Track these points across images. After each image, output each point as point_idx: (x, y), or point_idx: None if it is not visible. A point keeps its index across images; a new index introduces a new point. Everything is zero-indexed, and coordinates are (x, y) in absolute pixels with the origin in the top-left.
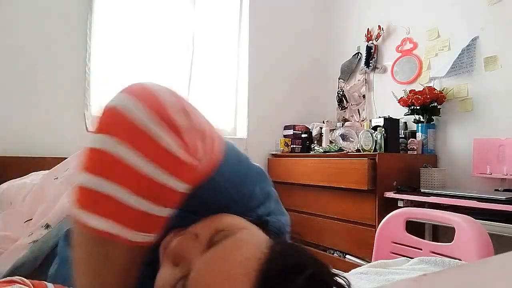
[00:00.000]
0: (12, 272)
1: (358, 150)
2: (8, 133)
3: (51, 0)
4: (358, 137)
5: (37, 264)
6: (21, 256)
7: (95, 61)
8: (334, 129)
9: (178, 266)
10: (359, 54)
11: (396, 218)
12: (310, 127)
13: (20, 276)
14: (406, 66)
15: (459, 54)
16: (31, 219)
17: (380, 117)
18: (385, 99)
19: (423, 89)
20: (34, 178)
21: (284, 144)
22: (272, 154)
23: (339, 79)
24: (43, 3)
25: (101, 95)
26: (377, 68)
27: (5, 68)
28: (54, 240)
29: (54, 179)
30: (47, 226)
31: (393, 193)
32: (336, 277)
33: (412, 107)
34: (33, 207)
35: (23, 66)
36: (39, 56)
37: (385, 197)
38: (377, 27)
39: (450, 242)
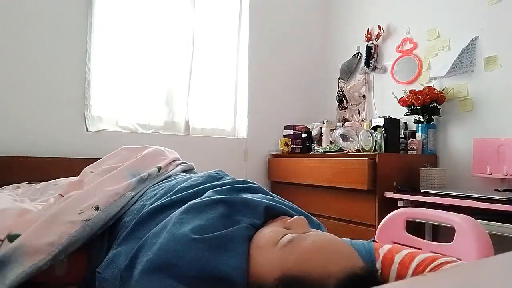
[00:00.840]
0: (66, 248)
1: (358, 150)
2: (8, 133)
3: (51, 0)
4: (358, 137)
5: (85, 240)
6: (75, 233)
7: (95, 61)
8: (334, 129)
9: (289, 229)
10: (359, 54)
11: (396, 218)
12: (310, 127)
13: (70, 250)
14: (406, 66)
15: (459, 54)
16: (62, 195)
17: (380, 117)
18: (385, 99)
19: (423, 89)
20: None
21: (284, 144)
22: (272, 154)
23: (339, 79)
24: (43, 3)
25: (101, 95)
26: (377, 68)
27: (5, 68)
28: (103, 222)
29: (91, 172)
30: (97, 208)
31: (393, 193)
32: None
33: (412, 107)
34: (68, 189)
35: (23, 66)
36: (39, 56)
37: (385, 197)
38: (377, 27)
39: (450, 242)
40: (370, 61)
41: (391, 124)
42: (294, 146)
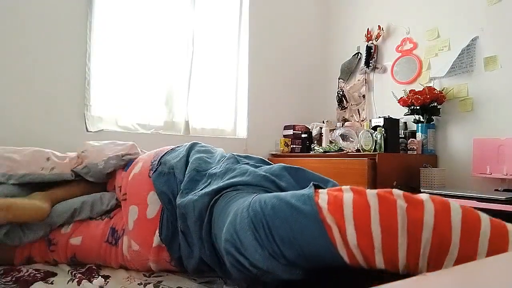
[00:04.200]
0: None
1: (358, 150)
2: (8, 133)
3: (51, 0)
4: (358, 137)
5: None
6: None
7: (95, 61)
8: (334, 129)
9: None
10: (359, 54)
11: None
12: (310, 127)
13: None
14: (406, 66)
15: (459, 54)
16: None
17: (380, 117)
18: (385, 99)
19: (423, 89)
20: None
21: (284, 144)
22: (272, 154)
23: (339, 79)
24: (43, 3)
25: (101, 95)
26: (377, 68)
27: (5, 68)
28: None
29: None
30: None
31: None
32: None
33: (412, 107)
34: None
35: (23, 66)
36: (39, 56)
37: None
38: (377, 27)
39: None
40: (370, 61)
41: (391, 124)
42: (294, 146)
